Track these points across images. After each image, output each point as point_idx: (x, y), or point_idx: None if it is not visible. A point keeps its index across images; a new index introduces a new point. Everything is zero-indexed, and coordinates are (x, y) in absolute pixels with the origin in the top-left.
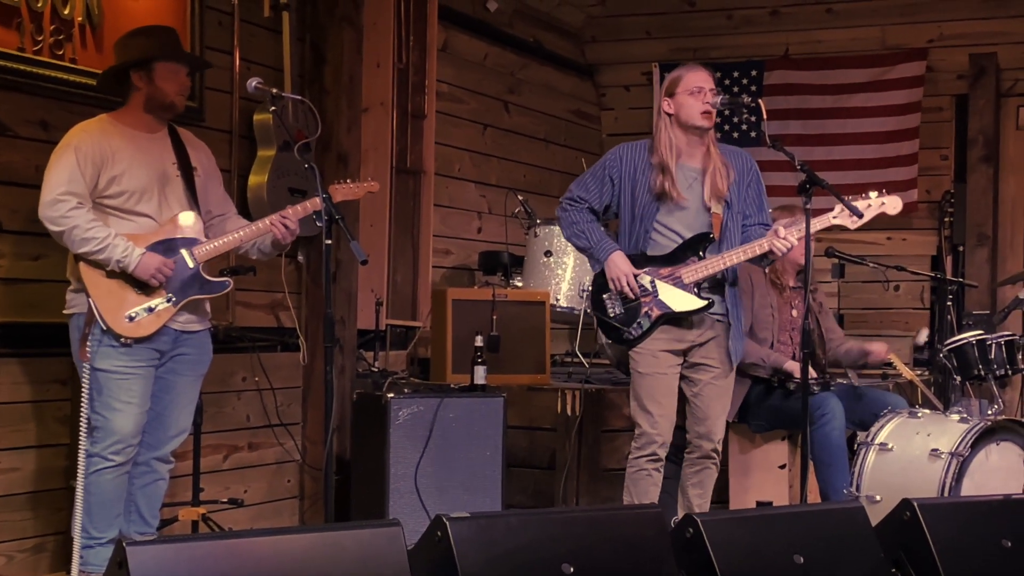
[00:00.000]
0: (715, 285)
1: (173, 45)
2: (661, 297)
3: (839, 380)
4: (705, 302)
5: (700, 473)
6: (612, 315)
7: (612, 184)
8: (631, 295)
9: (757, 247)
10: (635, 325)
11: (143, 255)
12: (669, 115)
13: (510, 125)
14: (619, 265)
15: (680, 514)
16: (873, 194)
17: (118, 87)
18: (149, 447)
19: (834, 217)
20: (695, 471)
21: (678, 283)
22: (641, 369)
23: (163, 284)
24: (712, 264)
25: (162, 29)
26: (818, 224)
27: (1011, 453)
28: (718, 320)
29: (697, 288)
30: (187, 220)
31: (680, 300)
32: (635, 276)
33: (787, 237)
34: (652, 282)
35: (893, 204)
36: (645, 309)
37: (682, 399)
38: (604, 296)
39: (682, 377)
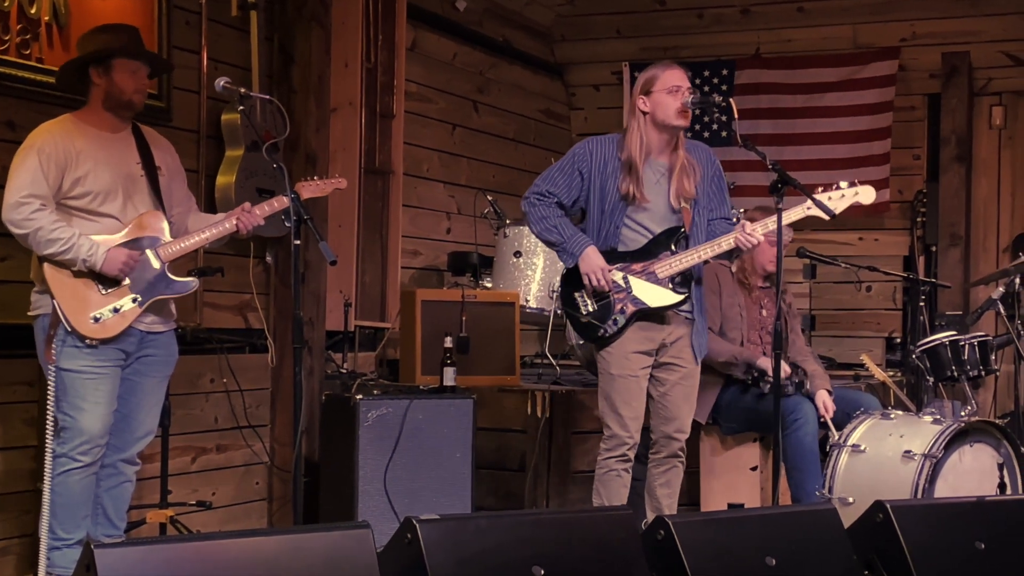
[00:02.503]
0: (684, 281)
1: (133, 42)
2: (635, 293)
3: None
4: (682, 296)
5: (667, 472)
6: (585, 312)
7: (581, 179)
8: (604, 290)
9: (724, 243)
10: (610, 322)
11: (109, 251)
12: (644, 113)
13: (479, 125)
14: (593, 260)
15: (649, 515)
16: (844, 184)
17: (78, 84)
18: (115, 449)
19: (808, 208)
20: (663, 471)
21: (652, 278)
22: (612, 371)
23: (128, 283)
24: (686, 258)
25: (124, 27)
26: (792, 215)
27: (984, 455)
28: (686, 317)
29: (671, 283)
30: (151, 220)
31: (655, 295)
32: (608, 272)
33: (753, 232)
34: (625, 278)
35: (867, 194)
36: (620, 306)
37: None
38: (576, 294)
39: (650, 377)
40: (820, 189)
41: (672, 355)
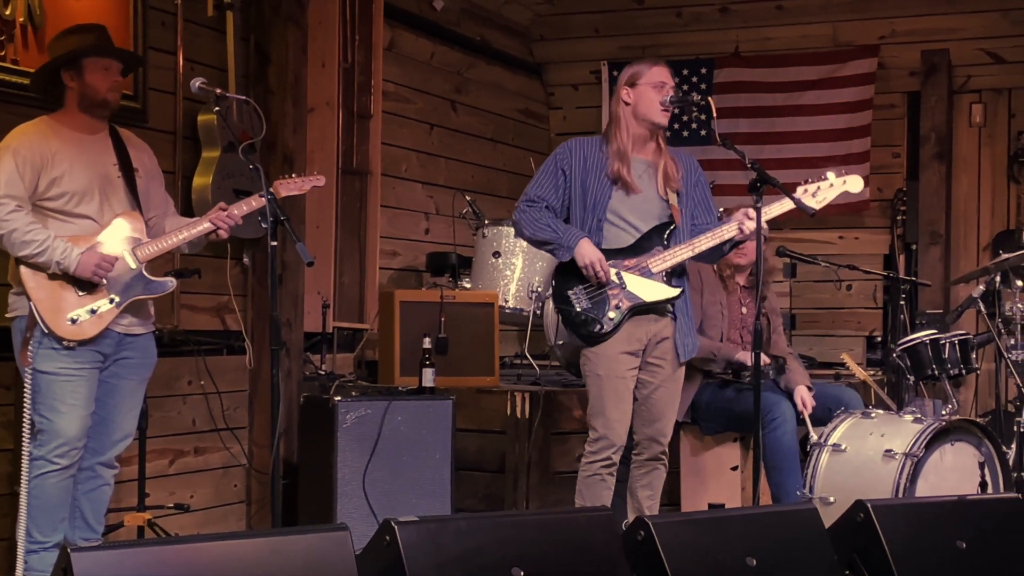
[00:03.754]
0: (678, 275)
1: (101, 41)
2: (630, 288)
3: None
4: (678, 290)
5: (650, 475)
6: (580, 309)
7: (564, 176)
8: (604, 280)
9: (726, 231)
10: (606, 318)
11: (82, 254)
12: (627, 104)
13: (457, 125)
14: (590, 251)
15: (630, 515)
16: (831, 174)
17: (52, 89)
18: (94, 452)
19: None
20: (644, 472)
21: (646, 273)
22: (600, 372)
23: (105, 284)
24: (680, 252)
25: (91, 27)
26: (776, 209)
27: (965, 454)
28: (671, 316)
29: (665, 277)
30: (129, 221)
31: (650, 290)
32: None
33: (752, 217)
34: (618, 274)
35: (854, 183)
36: (615, 302)
37: None
38: (570, 291)
39: None
40: (806, 181)
41: (656, 356)
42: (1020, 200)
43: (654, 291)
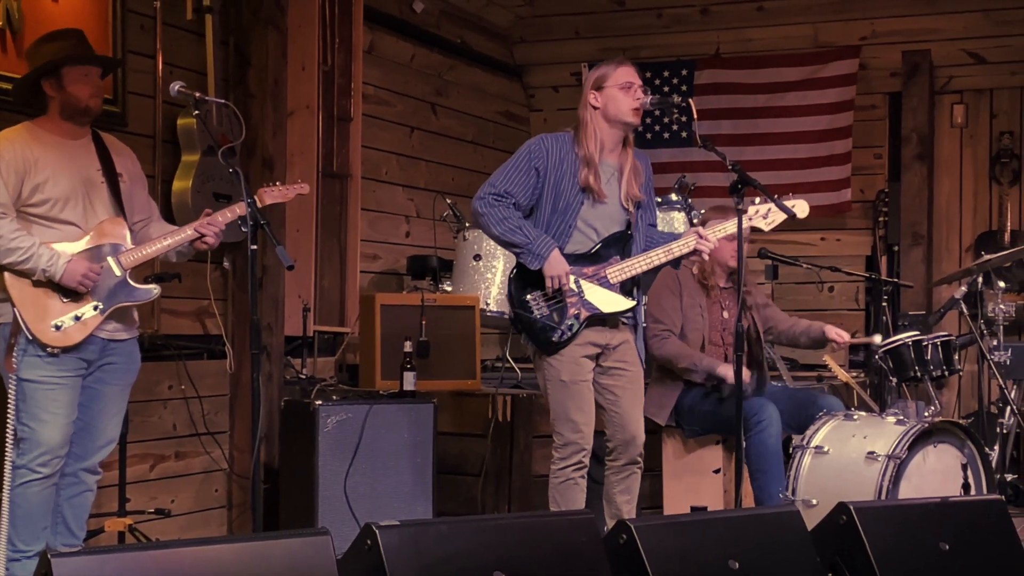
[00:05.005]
0: (634, 286)
1: (79, 47)
2: (588, 298)
3: (774, 383)
4: (633, 303)
5: (627, 479)
6: (539, 316)
7: (537, 176)
8: (565, 294)
9: (677, 248)
10: (565, 327)
11: (68, 262)
12: (595, 108)
13: (438, 127)
14: (560, 264)
15: (608, 521)
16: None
17: (35, 98)
18: (77, 458)
19: (749, 219)
20: (622, 477)
21: (604, 283)
22: (564, 377)
23: (90, 291)
24: (637, 264)
25: (68, 33)
26: (733, 228)
27: (948, 455)
28: (624, 322)
29: (622, 288)
30: (113, 227)
31: (607, 300)
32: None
33: (708, 237)
34: (576, 282)
35: (801, 208)
36: (573, 311)
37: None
38: (528, 297)
39: (594, 385)
40: (756, 200)
41: (617, 359)
42: (1002, 201)
43: (611, 302)
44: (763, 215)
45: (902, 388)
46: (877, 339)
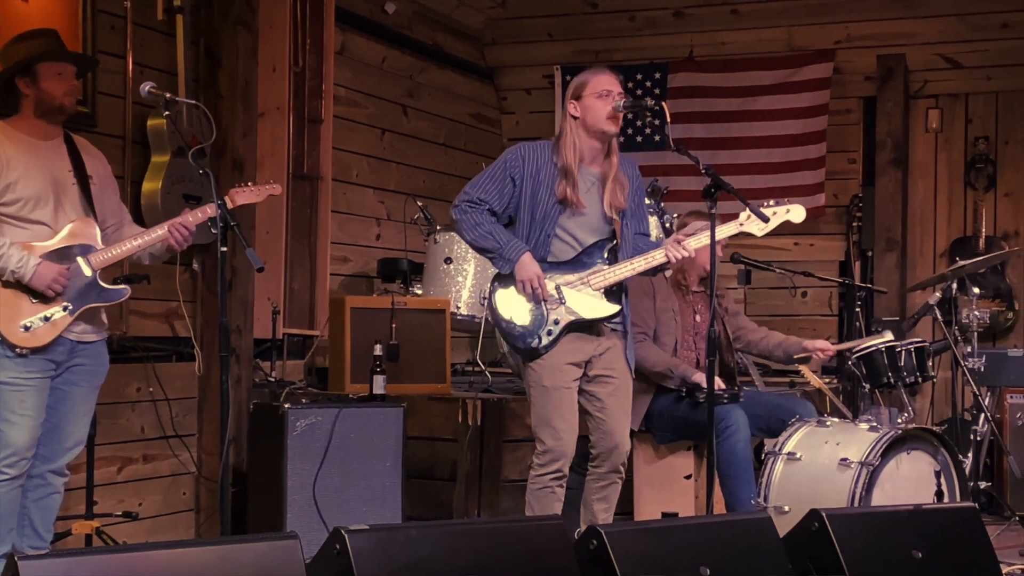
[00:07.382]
0: (618, 292)
1: (54, 46)
2: (569, 304)
3: (746, 388)
4: (617, 307)
5: (607, 488)
6: (519, 322)
7: (513, 185)
8: (541, 298)
9: (657, 256)
10: (544, 332)
11: (39, 265)
12: (575, 118)
13: (409, 129)
14: (530, 267)
15: (583, 526)
16: (772, 201)
17: (8, 97)
18: (44, 460)
19: (740, 224)
20: (602, 485)
21: (586, 289)
22: (546, 383)
23: (60, 293)
24: (620, 270)
25: (42, 32)
26: (725, 231)
27: (922, 462)
28: (614, 329)
29: (605, 294)
30: (83, 227)
31: (589, 306)
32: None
33: (685, 246)
34: (558, 288)
35: (797, 213)
36: (553, 317)
37: (581, 414)
38: (508, 303)
39: (581, 392)
40: (762, 205)
41: (604, 367)
42: (977, 207)
43: (594, 308)
44: (757, 220)
45: (875, 394)
46: (861, 343)
